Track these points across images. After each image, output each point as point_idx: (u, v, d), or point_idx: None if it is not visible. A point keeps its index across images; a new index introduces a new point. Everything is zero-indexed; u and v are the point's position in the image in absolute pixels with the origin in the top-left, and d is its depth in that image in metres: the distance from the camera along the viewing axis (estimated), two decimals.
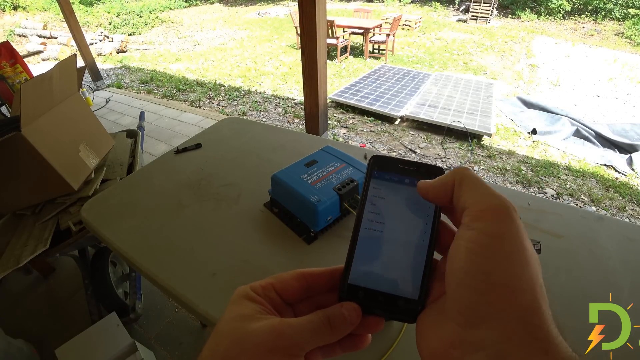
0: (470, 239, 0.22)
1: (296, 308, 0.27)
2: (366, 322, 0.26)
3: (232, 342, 0.23)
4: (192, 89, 5.16)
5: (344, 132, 3.88)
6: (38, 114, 1.21)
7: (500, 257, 0.21)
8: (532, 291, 0.20)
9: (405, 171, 0.29)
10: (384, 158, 0.30)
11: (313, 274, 0.27)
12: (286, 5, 12.37)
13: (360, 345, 0.26)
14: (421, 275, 0.26)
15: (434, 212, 0.27)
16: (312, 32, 2.23)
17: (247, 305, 0.25)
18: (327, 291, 0.27)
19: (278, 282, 0.26)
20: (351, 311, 0.25)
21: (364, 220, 0.28)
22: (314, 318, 0.24)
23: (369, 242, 0.27)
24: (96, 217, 0.93)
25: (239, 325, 0.23)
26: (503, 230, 0.21)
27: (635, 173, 3.18)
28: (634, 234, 0.78)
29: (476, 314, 0.21)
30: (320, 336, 0.24)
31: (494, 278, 0.21)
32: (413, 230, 0.27)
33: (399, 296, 0.26)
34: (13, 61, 3.12)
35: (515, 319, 0.20)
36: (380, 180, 0.29)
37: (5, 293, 1.85)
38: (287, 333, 0.23)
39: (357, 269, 0.27)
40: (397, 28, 6.41)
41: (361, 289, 0.26)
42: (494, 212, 0.22)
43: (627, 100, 5.21)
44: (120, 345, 1.22)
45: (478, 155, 3.44)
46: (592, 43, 8.40)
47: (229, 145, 1.23)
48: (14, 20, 8.97)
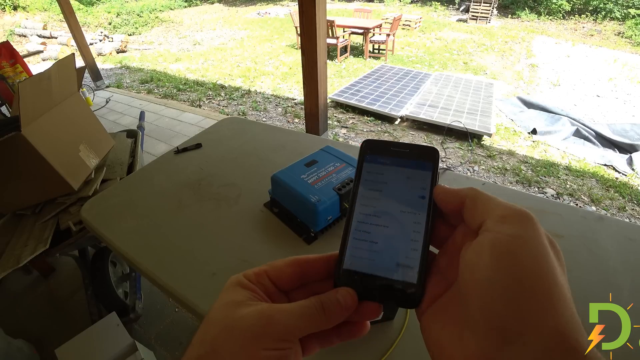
0: (495, 243, 0.20)
1: (291, 295, 0.26)
2: (363, 308, 0.25)
3: (220, 329, 0.22)
4: (192, 89, 5.16)
5: (344, 132, 3.88)
6: (38, 114, 1.21)
7: (532, 261, 0.19)
8: (569, 300, 0.18)
9: (398, 153, 0.29)
10: (376, 142, 0.29)
11: (308, 261, 0.26)
12: (286, 5, 12.37)
13: (358, 333, 0.26)
14: (419, 258, 0.25)
15: (429, 194, 0.26)
16: (312, 32, 2.23)
17: (239, 292, 0.24)
18: (324, 278, 0.27)
19: (272, 269, 0.26)
20: (346, 296, 0.24)
21: (358, 204, 0.27)
22: (307, 303, 0.23)
23: (364, 226, 0.27)
24: (96, 217, 0.93)
25: (228, 312, 0.23)
26: (529, 233, 0.20)
27: (635, 173, 3.18)
28: (634, 234, 0.78)
29: (512, 327, 0.18)
30: (313, 322, 0.23)
31: (528, 283, 0.18)
32: (409, 213, 0.26)
33: (396, 280, 0.25)
34: (13, 61, 3.12)
35: (554, 333, 0.17)
36: (373, 164, 0.29)
37: (5, 293, 1.85)
38: (277, 318, 0.22)
39: (352, 253, 0.26)
40: (397, 28, 6.41)
41: (357, 274, 0.25)
42: (519, 216, 0.21)
43: (627, 100, 5.21)
44: (120, 345, 1.22)
45: (478, 155, 3.44)
46: (592, 43, 8.40)
47: (229, 145, 1.23)
48: (14, 20, 8.97)
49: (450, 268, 0.24)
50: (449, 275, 0.24)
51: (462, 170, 3.19)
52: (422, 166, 0.28)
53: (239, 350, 0.21)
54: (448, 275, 0.24)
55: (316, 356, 0.64)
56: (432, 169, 0.28)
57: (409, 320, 0.63)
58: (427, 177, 0.27)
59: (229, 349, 0.21)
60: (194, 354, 0.22)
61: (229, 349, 0.21)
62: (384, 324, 0.63)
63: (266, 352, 0.21)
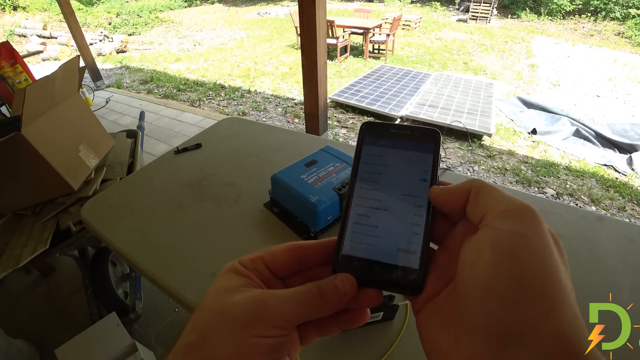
0: (495, 240, 0.19)
1: (288, 282, 0.25)
2: (363, 295, 0.24)
3: (212, 316, 0.21)
4: (192, 89, 5.16)
5: (344, 132, 3.88)
6: (38, 114, 1.21)
7: (535, 260, 0.18)
8: (572, 302, 0.17)
9: (399, 135, 0.28)
10: (375, 124, 0.29)
11: (305, 246, 0.25)
12: (286, 5, 12.37)
13: (358, 321, 0.25)
14: (421, 242, 0.24)
15: (430, 176, 0.26)
16: (312, 32, 2.23)
17: (232, 278, 0.23)
18: (322, 265, 0.26)
19: (268, 255, 0.25)
20: (345, 282, 0.23)
21: (357, 188, 0.27)
22: (303, 289, 0.22)
23: (364, 210, 0.26)
24: (96, 217, 0.93)
25: (220, 298, 0.22)
26: (532, 230, 0.19)
27: (635, 173, 3.18)
28: (634, 234, 0.78)
29: (510, 330, 0.17)
30: (309, 308, 0.22)
31: (529, 284, 0.18)
32: (410, 196, 0.25)
33: (397, 265, 0.24)
34: (13, 61, 3.12)
35: (556, 337, 0.16)
36: (372, 147, 0.28)
37: (5, 293, 1.85)
38: (270, 303, 0.21)
39: (352, 238, 0.25)
40: (397, 28, 6.41)
41: (356, 259, 0.24)
42: (521, 211, 0.20)
43: (627, 100, 5.21)
44: (120, 345, 1.22)
45: (478, 155, 3.44)
46: (592, 43, 8.41)
47: (229, 145, 1.23)
48: (14, 20, 8.97)
49: (449, 265, 0.23)
50: (448, 272, 0.23)
51: (462, 170, 3.19)
52: (423, 148, 0.27)
53: (229, 337, 0.20)
54: (446, 272, 0.23)
55: (316, 356, 0.64)
56: (433, 151, 0.27)
57: (409, 320, 0.63)
58: (429, 159, 0.26)
59: (220, 336, 0.20)
60: (185, 341, 0.21)
61: (220, 335, 0.20)
62: (384, 324, 0.63)
63: (258, 340, 0.20)
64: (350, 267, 0.24)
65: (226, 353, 0.20)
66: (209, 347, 0.20)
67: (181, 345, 0.21)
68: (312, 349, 0.60)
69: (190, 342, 0.21)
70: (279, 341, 0.21)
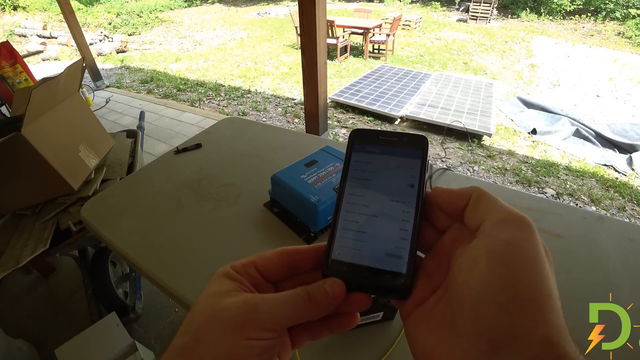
0: (491, 248, 0.20)
1: (279, 286, 0.26)
2: (352, 299, 0.24)
3: (204, 319, 0.22)
4: (192, 89, 5.16)
5: (344, 132, 3.88)
6: (39, 114, 1.21)
7: (528, 269, 0.19)
8: (558, 309, 0.18)
9: (387, 142, 0.28)
10: (365, 130, 0.29)
11: (297, 251, 0.26)
12: (286, 5, 12.36)
13: (348, 325, 0.25)
14: (409, 247, 0.24)
15: (418, 182, 0.26)
16: (312, 32, 2.23)
17: (225, 283, 0.24)
18: (313, 269, 0.26)
19: (259, 260, 0.26)
20: (334, 286, 0.24)
21: (346, 194, 0.27)
22: (293, 292, 0.23)
23: (352, 215, 0.26)
24: (96, 217, 0.93)
25: (212, 302, 0.22)
26: (527, 241, 0.20)
27: (635, 173, 3.18)
28: (634, 234, 0.78)
29: (502, 336, 0.18)
30: (299, 311, 0.22)
31: (522, 292, 0.18)
32: (398, 202, 0.26)
33: (385, 270, 0.24)
34: (13, 61, 3.12)
35: (544, 342, 0.17)
36: (362, 153, 0.28)
37: (5, 293, 1.85)
38: (261, 307, 0.22)
39: (341, 244, 0.26)
40: (397, 28, 6.41)
41: (345, 264, 0.25)
42: (517, 222, 0.21)
43: (627, 100, 5.21)
44: (120, 345, 1.22)
45: (478, 155, 3.44)
46: (592, 43, 8.40)
47: (229, 145, 1.23)
48: (14, 20, 8.97)
49: (437, 271, 0.24)
50: (436, 278, 0.24)
51: (462, 170, 3.19)
52: (411, 154, 0.28)
53: (221, 340, 0.21)
54: (435, 278, 0.24)
55: (316, 356, 0.64)
56: (421, 157, 0.27)
57: None
58: (417, 165, 0.27)
59: (212, 339, 0.21)
60: (178, 343, 0.22)
61: (212, 338, 0.21)
62: (384, 324, 0.63)
63: (249, 342, 0.21)
64: (339, 271, 0.25)
65: (218, 355, 0.20)
66: (201, 349, 0.21)
67: (174, 347, 0.22)
68: (312, 349, 0.60)
69: (182, 344, 0.22)
70: (269, 343, 0.21)
